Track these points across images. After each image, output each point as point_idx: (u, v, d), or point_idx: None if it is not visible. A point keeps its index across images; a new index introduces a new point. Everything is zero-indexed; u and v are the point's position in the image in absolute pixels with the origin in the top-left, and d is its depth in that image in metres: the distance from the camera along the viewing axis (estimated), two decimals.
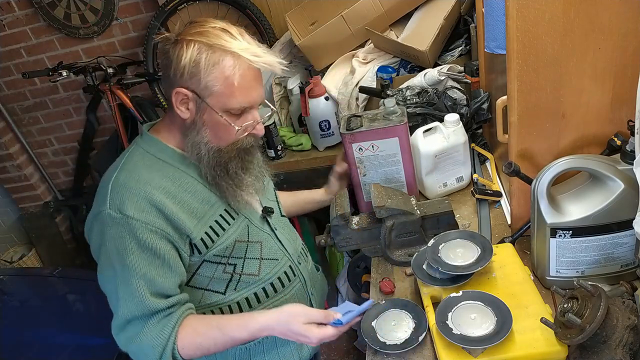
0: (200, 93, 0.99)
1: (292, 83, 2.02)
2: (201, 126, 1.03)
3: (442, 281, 1.05)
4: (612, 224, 0.96)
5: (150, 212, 0.98)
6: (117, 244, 0.96)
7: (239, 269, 1.11)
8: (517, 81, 0.99)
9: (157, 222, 0.98)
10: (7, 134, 3.01)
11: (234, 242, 1.10)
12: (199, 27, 0.99)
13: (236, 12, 2.38)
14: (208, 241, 1.05)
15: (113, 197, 0.98)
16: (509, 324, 0.90)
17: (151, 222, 0.97)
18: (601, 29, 0.94)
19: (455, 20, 1.82)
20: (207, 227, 1.06)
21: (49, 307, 1.95)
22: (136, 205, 0.97)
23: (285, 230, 1.25)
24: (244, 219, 1.13)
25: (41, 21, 2.69)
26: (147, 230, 0.97)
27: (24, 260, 3.08)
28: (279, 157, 2.01)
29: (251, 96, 1.02)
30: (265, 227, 1.18)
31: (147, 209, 0.97)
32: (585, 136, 1.06)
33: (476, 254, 1.06)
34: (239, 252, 1.10)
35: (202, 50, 0.96)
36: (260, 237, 1.15)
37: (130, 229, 0.96)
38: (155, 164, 1.04)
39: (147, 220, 0.97)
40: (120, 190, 0.98)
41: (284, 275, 1.18)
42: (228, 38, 0.98)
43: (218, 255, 1.07)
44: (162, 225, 0.98)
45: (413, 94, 1.60)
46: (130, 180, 1.00)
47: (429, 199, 1.48)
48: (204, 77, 0.97)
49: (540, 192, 0.98)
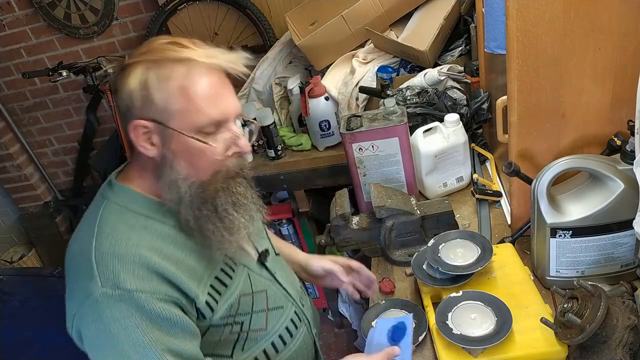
0: (159, 119, 0.82)
1: (292, 83, 2.02)
2: (173, 159, 0.84)
3: (442, 281, 1.05)
4: (612, 224, 0.96)
5: (152, 279, 0.81)
6: (125, 325, 0.78)
7: (246, 326, 0.95)
8: (517, 81, 0.99)
9: (163, 288, 0.82)
10: (7, 134, 3.01)
11: (239, 297, 0.93)
12: (145, 47, 0.85)
13: (236, 12, 2.38)
14: (212, 303, 0.89)
15: (102, 272, 0.79)
16: (509, 324, 0.90)
17: (157, 291, 0.81)
18: (601, 29, 0.94)
19: (455, 20, 1.82)
20: (208, 287, 0.89)
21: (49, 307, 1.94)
22: (134, 275, 0.80)
23: (284, 271, 1.10)
24: (243, 267, 0.97)
25: (41, 21, 2.69)
26: (155, 300, 0.80)
27: (24, 260, 3.08)
28: (279, 157, 2.01)
29: (222, 105, 0.84)
30: (264, 273, 1.02)
31: (147, 276, 0.81)
32: (585, 136, 1.06)
33: (476, 254, 1.06)
34: (245, 307, 0.95)
35: (150, 68, 0.81)
36: (264, 286, 1.00)
37: (136, 304, 0.78)
38: (138, 220, 0.86)
39: (152, 290, 0.80)
40: (109, 261, 0.80)
41: (291, 323, 1.03)
42: (177, 48, 0.83)
43: (224, 316, 0.91)
44: (169, 291, 0.82)
45: (413, 94, 1.60)
46: (118, 247, 0.81)
47: (429, 199, 1.48)
48: (158, 97, 0.81)
49: (540, 192, 0.98)
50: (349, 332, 2.55)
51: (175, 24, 2.46)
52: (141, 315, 0.79)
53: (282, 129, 2.10)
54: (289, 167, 1.98)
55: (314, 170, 1.94)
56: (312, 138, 2.00)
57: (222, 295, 0.91)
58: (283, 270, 1.10)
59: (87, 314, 0.80)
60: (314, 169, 1.94)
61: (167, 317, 0.81)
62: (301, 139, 2.02)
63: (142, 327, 0.78)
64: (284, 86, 2.09)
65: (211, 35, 2.46)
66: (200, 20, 2.44)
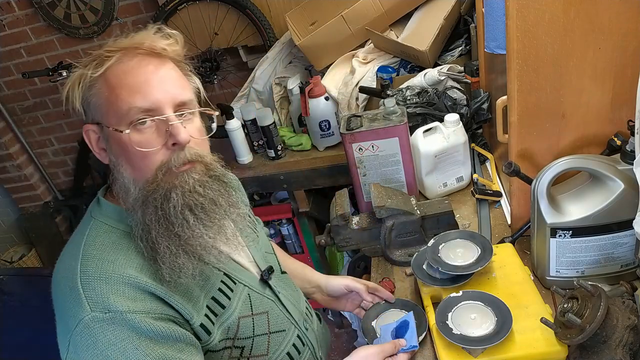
0: (94, 117, 0.79)
1: (292, 83, 2.02)
2: (116, 160, 0.80)
3: (442, 281, 1.05)
4: (612, 224, 0.96)
5: (144, 299, 0.76)
6: (124, 348, 0.72)
7: (247, 351, 0.89)
8: (517, 81, 0.99)
9: (157, 307, 0.76)
10: (7, 134, 3.01)
11: (238, 320, 0.88)
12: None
13: (236, 12, 2.38)
14: (209, 325, 0.83)
15: (90, 296, 0.74)
16: (509, 324, 0.90)
17: (151, 310, 0.76)
18: (601, 29, 0.94)
19: (455, 20, 1.82)
20: (205, 308, 0.84)
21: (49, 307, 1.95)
22: (124, 296, 0.74)
23: (288, 292, 1.03)
24: (243, 286, 0.91)
25: (41, 21, 2.69)
26: (151, 319, 0.75)
27: (24, 260, 3.08)
28: (279, 157, 2.01)
29: (149, 93, 0.77)
30: (267, 292, 0.96)
31: (139, 296, 0.75)
32: (585, 136, 1.06)
33: (476, 254, 1.06)
34: (246, 331, 0.89)
35: (79, 69, 0.80)
36: (266, 307, 0.94)
37: (131, 325, 0.73)
38: (124, 239, 0.80)
39: (146, 309, 0.75)
40: (95, 284, 0.74)
41: (293, 348, 0.97)
42: (116, 40, 0.81)
43: (223, 339, 0.86)
44: (164, 309, 0.77)
45: (413, 94, 1.60)
46: (104, 269, 0.76)
47: (429, 199, 1.48)
48: (86, 94, 0.79)
49: (540, 192, 0.98)
50: (349, 332, 2.55)
51: (175, 24, 2.45)
52: (139, 336, 0.73)
53: (282, 129, 2.11)
54: (289, 167, 1.98)
55: (314, 170, 1.94)
56: (312, 138, 2.00)
57: (218, 317, 0.85)
58: (288, 290, 1.02)
59: (80, 342, 0.73)
60: (314, 169, 1.94)
61: (167, 334, 0.75)
62: (301, 139, 2.02)
63: (142, 347, 0.73)
64: (284, 86, 2.09)
65: (211, 35, 2.46)
66: (200, 20, 2.44)
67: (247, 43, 2.46)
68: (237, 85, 2.58)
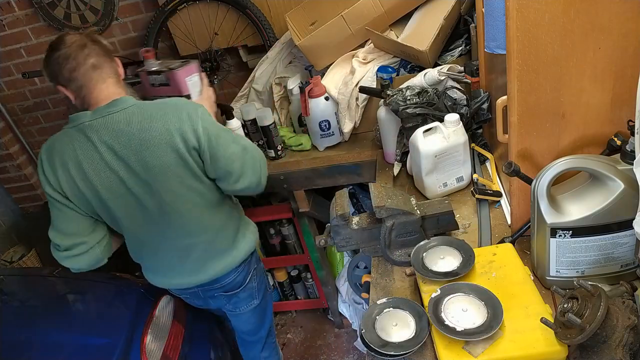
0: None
1: (292, 83, 2.02)
2: None
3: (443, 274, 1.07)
4: (612, 224, 0.96)
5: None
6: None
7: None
8: (517, 81, 0.99)
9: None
10: (7, 134, 3.01)
11: None
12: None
13: (236, 12, 2.38)
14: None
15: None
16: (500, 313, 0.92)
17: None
18: (601, 29, 0.94)
19: (455, 20, 1.82)
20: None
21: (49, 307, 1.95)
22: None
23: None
24: None
25: (41, 21, 2.69)
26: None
27: (24, 260, 3.08)
28: (279, 157, 2.01)
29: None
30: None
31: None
32: (585, 136, 1.06)
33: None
34: None
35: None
36: None
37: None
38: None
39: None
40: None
41: None
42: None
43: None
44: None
45: (413, 94, 1.60)
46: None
47: (429, 199, 1.48)
48: None
49: (540, 192, 0.98)
50: (349, 332, 2.55)
51: (175, 24, 2.46)
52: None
53: (282, 129, 2.10)
54: (289, 167, 1.98)
55: (314, 170, 1.94)
56: (312, 138, 2.00)
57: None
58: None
59: (202, 117, 1.38)
60: (314, 169, 1.94)
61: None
62: (301, 139, 2.02)
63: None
64: (284, 86, 2.09)
65: (211, 35, 2.46)
66: (200, 20, 2.44)
67: (247, 43, 2.46)
68: (237, 85, 2.58)
